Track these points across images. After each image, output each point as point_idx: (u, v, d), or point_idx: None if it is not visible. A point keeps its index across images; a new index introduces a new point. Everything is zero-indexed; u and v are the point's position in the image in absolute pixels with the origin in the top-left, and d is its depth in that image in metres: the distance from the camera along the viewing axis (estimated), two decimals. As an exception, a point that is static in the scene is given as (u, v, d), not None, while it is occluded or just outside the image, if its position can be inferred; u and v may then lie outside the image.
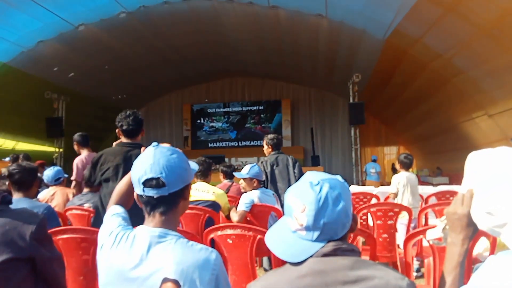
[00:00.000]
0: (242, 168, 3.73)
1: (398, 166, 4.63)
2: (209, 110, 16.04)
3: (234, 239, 2.35)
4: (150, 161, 1.15)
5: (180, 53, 11.75)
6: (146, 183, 1.13)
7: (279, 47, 10.93)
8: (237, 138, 15.77)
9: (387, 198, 4.73)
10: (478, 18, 5.96)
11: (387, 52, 8.52)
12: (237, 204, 3.42)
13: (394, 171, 10.78)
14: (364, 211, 3.68)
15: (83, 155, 4.36)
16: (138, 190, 1.17)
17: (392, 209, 3.58)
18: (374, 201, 4.66)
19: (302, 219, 0.96)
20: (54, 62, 9.64)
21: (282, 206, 3.55)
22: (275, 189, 4.10)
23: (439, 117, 10.15)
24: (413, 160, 4.69)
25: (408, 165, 4.55)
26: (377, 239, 3.46)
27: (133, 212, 1.37)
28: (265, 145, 4.45)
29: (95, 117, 13.57)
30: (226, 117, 15.92)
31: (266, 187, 4.06)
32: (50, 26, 8.22)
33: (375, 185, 8.58)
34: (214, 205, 3.32)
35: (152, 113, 15.78)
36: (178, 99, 16.35)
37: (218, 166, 5.21)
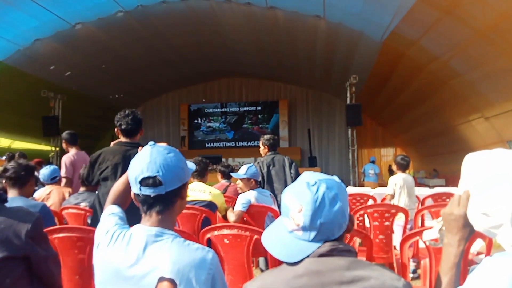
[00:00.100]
0: (239, 168, 3.72)
1: (395, 167, 4.65)
2: (206, 110, 16.03)
3: (230, 239, 2.34)
4: (147, 160, 1.15)
5: (177, 53, 11.74)
6: (143, 182, 1.13)
7: (277, 48, 10.94)
8: (234, 138, 15.76)
9: (383, 199, 4.74)
10: (475, 22, 5.99)
11: (384, 54, 8.55)
12: (234, 205, 3.42)
13: (391, 172, 10.84)
14: (361, 212, 3.68)
15: (71, 153, 4.41)
16: (135, 189, 1.17)
17: (389, 210, 3.59)
18: (371, 202, 4.67)
19: (299, 219, 0.96)
20: (50, 60, 9.60)
21: (279, 206, 3.54)
22: (272, 190, 4.10)
23: (436, 119, 10.19)
24: (409, 161, 4.71)
25: (404, 166, 4.57)
26: (374, 240, 3.46)
27: (131, 211, 1.36)
28: (261, 146, 4.45)
29: (91, 116, 13.53)
30: (224, 117, 15.91)
31: (262, 187, 4.06)
32: (47, 24, 8.19)
33: (373, 187, 8.59)
34: (210, 205, 3.31)
35: (149, 113, 15.72)
36: (175, 98, 16.32)
37: (215, 166, 5.20)
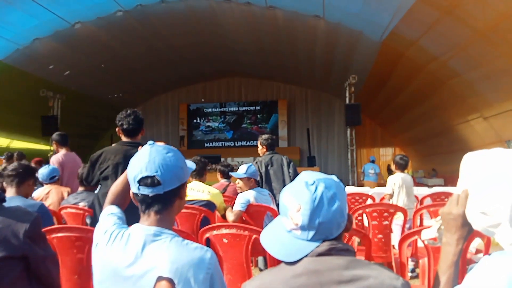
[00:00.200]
0: (238, 168, 3.72)
1: (393, 167, 4.65)
2: (205, 110, 16.02)
3: (229, 238, 2.34)
4: (146, 159, 1.14)
5: (177, 52, 11.72)
6: (141, 182, 1.13)
7: (276, 47, 10.94)
8: (233, 138, 15.76)
9: (382, 199, 4.74)
10: (475, 22, 5.99)
11: (383, 54, 8.55)
12: (233, 204, 3.42)
13: (390, 172, 10.83)
14: (360, 211, 3.69)
15: (60, 154, 4.45)
16: (133, 188, 1.17)
17: (388, 210, 3.60)
18: (369, 202, 4.68)
19: (297, 218, 0.96)
20: (50, 60, 9.59)
21: (277, 206, 3.54)
22: (270, 189, 4.10)
23: (435, 119, 10.19)
24: (408, 161, 4.71)
25: (403, 166, 4.57)
26: (372, 239, 3.47)
27: (130, 211, 1.36)
28: (259, 146, 4.45)
29: (90, 115, 13.51)
30: (223, 117, 15.91)
31: (261, 187, 4.06)
32: (46, 24, 8.17)
33: (373, 186, 8.58)
34: (209, 205, 3.32)
35: (148, 112, 15.68)
36: (174, 98, 16.31)
37: (214, 166, 5.20)
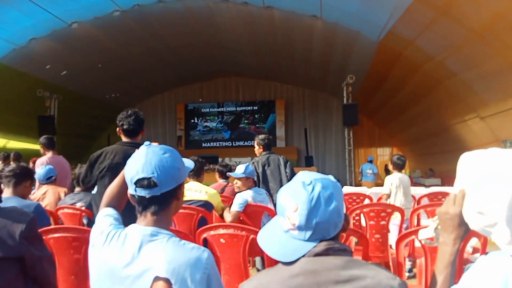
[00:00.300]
0: (235, 168, 3.72)
1: (391, 167, 4.66)
2: (203, 110, 16.01)
3: (227, 238, 2.34)
4: (142, 160, 1.14)
5: (174, 52, 11.70)
6: (138, 183, 1.13)
7: (274, 47, 10.94)
8: (231, 138, 15.75)
9: (379, 199, 4.75)
10: (471, 22, 6.01)
11: (381, 54, 8.57)
12: (231, 204, 3.42)
13: (387, 172, 10.84)
14: (357, 211, 3.70)
15: (46, 157, 4.48)
16: (131, 189, 1.17)
17: (385, 210, 3.60)
18: (367, 202, 4.68)
19: (295, 218, 0.96)
20: (46, 60, 9.55)
21: (274, 206, 3.54)
22: (267, 189, 4.10)
23: (432, 119, 10.22)
24: (405, 161, 4.72)
25: (401, 166, 4.58)
26: (370, 239, 3.47)
27: (127, 211, 1.36)
28: (256, 146, 4.44)
29: (87, 115, 13.45)
30: (220, 117, 15.89)
31: (258, 187, 4.06)
32: (43, 24, 8.14)
33: (371, 186, 8.59)
34: (206, 205, 3.31)
35: (145, 112, 15.28)
36: (171, 98, 16.28)
37: (212, 166, 5.20)
